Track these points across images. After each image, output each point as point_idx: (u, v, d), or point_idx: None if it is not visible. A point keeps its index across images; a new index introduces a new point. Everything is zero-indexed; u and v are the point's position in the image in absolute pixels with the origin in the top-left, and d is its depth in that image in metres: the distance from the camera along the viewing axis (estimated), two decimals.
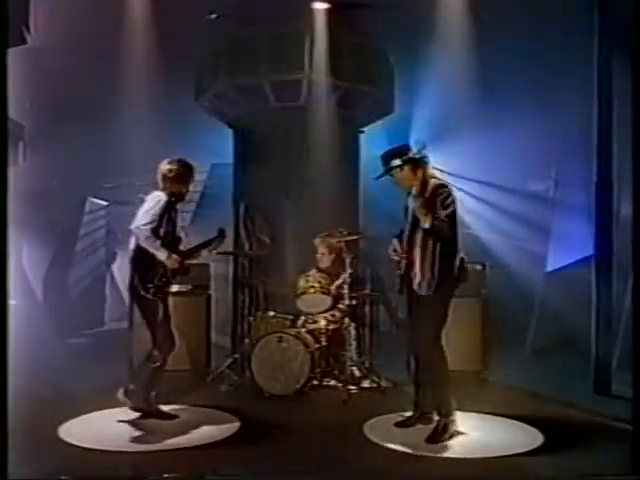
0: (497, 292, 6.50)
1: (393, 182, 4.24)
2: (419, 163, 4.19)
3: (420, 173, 4.17)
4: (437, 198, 4.02)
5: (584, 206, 6.25)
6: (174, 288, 5.72)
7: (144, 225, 4.22)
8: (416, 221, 4.06)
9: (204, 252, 4.83)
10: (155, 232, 4.25)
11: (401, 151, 4.25)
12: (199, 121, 8.11)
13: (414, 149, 4.25)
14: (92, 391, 5.20)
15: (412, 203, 4.07)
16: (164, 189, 4.41)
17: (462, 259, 4.12)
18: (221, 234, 4.79)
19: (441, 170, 8.47)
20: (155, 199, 4.33)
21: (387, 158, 4.22)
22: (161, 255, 4.25)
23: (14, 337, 2.86)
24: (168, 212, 4.36)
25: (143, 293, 4.26)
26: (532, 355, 7.34)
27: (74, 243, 9.47)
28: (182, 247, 4.55)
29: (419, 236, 4.07)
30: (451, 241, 4.05)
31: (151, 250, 4.24)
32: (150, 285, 4.25)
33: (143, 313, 4.38)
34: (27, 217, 7.29)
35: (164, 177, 4.42)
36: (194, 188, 4.71)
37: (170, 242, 4.36)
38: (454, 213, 4.04)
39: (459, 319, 5.97)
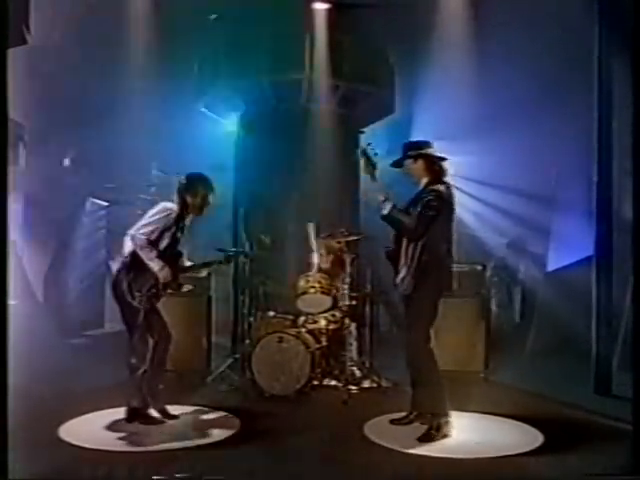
0: (497, 292, 6.51)
1: (404, 172, 4.27)
2: (434, 161, 4.21)
3: (433, 171, 4.19)
4: (423, 199, 4.06)
5: (584, 206, 6.25)
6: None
7: (142, 234, 4.20)
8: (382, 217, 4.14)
9: (204, 271, 4.84)
10: (153, 243, 4.23)
11: (422, 145, 4.28)
12: (199, 122, 8.11)
13: (435, 148, 4.27)
14: (92, 391, 5.22)
15: (370, 184, 4.15)
16: (178, 201, 4.38)
17: (449, 266, 4.18)
18: (227, 260, 4.79)
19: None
20: (166, 211, 4.31)
21: (407, 148, 4.27)
22: (155, 266, 4.22)
23: (14, 337, 2.85)
24: (176, 226, 4.33)
25: (129, 300, 4.23)
26: (532, 355, 7.33)
27: (74, 243, 9.46)
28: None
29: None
30: (433, 243, 4.07)
31: (145, 260, 4.21)
32: (138, 294, 4.22)
33: (124, 316, 4.33)
34: (27, 217, 7.30)
35: (180, 188, 4.39)
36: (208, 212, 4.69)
37: (170, 255, 4.33)
38: (430, 217, 4.03)
39: (459, 319, 6.01)
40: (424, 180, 4.19)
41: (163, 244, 4.29)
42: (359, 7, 7.15)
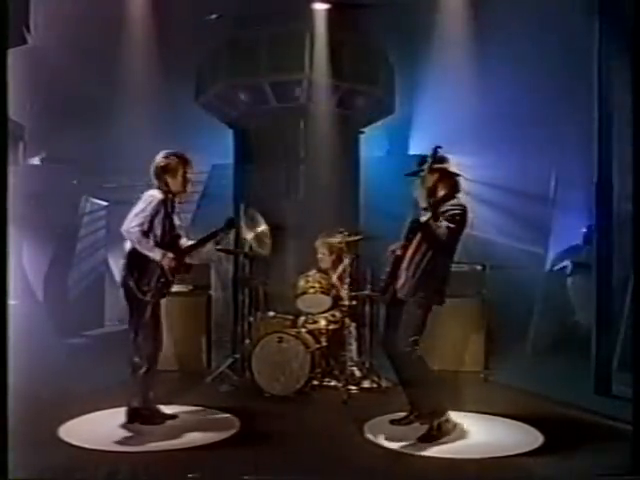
0: (497, 292, 6.50)
1: (418, 184, 4.22)
2: (450, 176, 4.22)
3: (448, 186, 4.20)
4: (448, 212, 4.06)
5: (584, 206, 6.25)
6: (174, 288, 5.74)
7: (133, 227, 4.16)
8: (418, 223, 4.08)
9: (209, 245, 4.65)
10: (146, 233, 4.19)
11: (441, 159, 4.26)
12: (199, 121, 8.11)
13: (452, 164, 4.27)
14: (92, 391, 5.22)
15: (417, 190, 4.08)
16: (159, 186, 4.32)
17: (444, 284, 4.17)
18: (229, 224, 4.58)
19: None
20: (148, 200, 4.25)
21: (424, 160, 4.22)
22: (155, 255, 4.18)
23: (14, 337, 2.85)
24: (164, 210, 4.27)
25: (140, 297, 4.19)
26: (532, 355, 7.34)
27: (74, 243, 9.47)
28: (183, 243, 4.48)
29: (416, 239, 4.10)
30: (441, 257, 4.09)
31: (144, 251, 4.18)
32: (146, 288, 4.19)
33: (131, 314, 4.30)
34: (27, 217, 7.30)
35: (157, 171, 4.32)
36: (194, 188, 4.61)
37: (168, 240, 4.30)
38: (456, 231, 4.05)
39: (459, 319, 6.02)
40: (440, 194, 4.19)
41: (158, 231, 4.25)
42: (359, 7, 7.15)
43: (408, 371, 4.20)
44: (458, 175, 4.26)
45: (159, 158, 4.38)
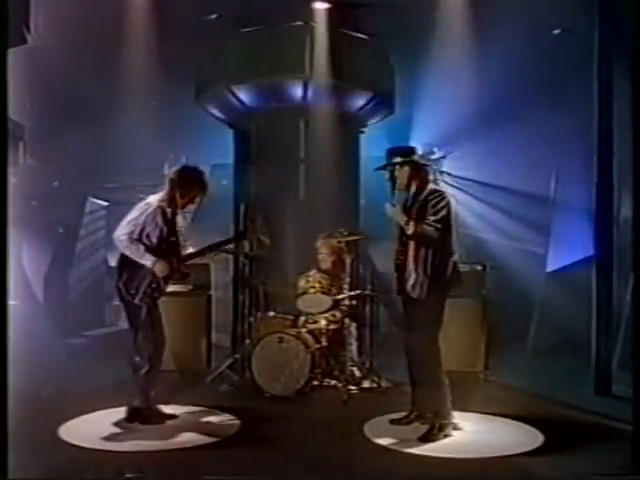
0: (497, 292, 6.51)
1: (389, 179, 4.23)
2: (420, 167, 4.21)
3: (419, 177, 4.19)
4: (428, 203, 4.06)
5: (584, 206, 6.25)
6: (173, 288, 5.74)
7: (122, 235, 4.18)
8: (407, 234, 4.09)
9: (212, 255, 4.68)
10: (137, 241, 4.20)
11: (406, 151, 4.29)
12: (199, 121, 8.11)
13: (419, 152, 4.28)
14: (92, 391, 5.22)
15: (389, 211, 4.09)
16: (167, 191, 4.33)
17: (455, 262, 4.15)
18: (238, 237, 4.65)
19: (448, 173, 8.55)
20: (142, 208, 4.27)
21: (391, 154, 4.25)
22: (147, 262, 4.19)
23: (14, 337, 2.85)
24: (162, 217, 4.27)
25: (128, 299, 4.23)
26: (532, 355, 7.34)
27: (74, 243, 9.48)
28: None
29: (412, 241, 4.10)
30: (442, 244, 4.08)
31: (135, 258, 4.19)
32: (133, 292, 4.20)
33: (128, 315, 4.33)
34: (27, 217, 7.30)
35: (174, 181, 4.34)
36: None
37: (166, 247, 4.30)
38: (445, 218, 4.05)
39: (459, 319, 6.00)
40: (413, 186, 4.19)
41: (154, 239, 4.26)
42: (359, 7, 7.14)
43: (424, 370, 4.19)
44: (428, 165, 4.27)
45: (184, 172, 4.39)
